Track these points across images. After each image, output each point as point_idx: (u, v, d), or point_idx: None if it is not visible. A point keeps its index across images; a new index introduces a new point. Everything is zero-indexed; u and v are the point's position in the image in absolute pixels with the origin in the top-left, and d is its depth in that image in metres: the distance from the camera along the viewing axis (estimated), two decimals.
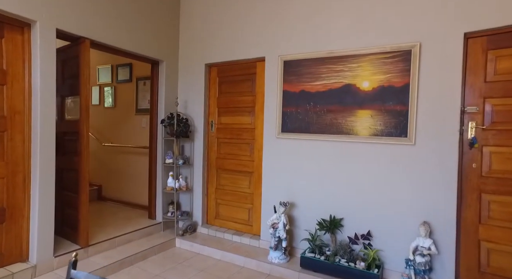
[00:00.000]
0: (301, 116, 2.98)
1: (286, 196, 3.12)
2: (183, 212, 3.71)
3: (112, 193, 4.62)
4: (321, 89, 2.88)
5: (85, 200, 2.83)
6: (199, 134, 3.68)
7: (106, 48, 3.06)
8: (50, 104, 2.52)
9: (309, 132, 2.94)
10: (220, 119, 3.63)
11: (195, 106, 3.71)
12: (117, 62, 4.43)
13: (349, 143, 2.76)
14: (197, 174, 3.71)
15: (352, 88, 2.72)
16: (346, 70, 2.75)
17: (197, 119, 3.69)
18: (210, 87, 3.69)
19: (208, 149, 3.72)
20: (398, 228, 2.57)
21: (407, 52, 2.48)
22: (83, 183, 2.82)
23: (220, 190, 3.65)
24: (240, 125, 3.49)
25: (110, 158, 4.62)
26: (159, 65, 3.68)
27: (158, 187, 3.71)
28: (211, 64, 3.65)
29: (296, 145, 3.04)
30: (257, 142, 3.37)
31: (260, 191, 3.33)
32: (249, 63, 3.41)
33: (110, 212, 4.08)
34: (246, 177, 3.47)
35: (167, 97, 3.69)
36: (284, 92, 3.08)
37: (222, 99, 3.61)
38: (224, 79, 3.60)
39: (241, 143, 3.49)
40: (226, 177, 3.61)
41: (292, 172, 3.08)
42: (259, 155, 3.35)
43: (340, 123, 2.78)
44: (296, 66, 3.01)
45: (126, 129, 4.42)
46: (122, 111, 4.46)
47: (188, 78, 3.76)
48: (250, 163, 3.43)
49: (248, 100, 3.43)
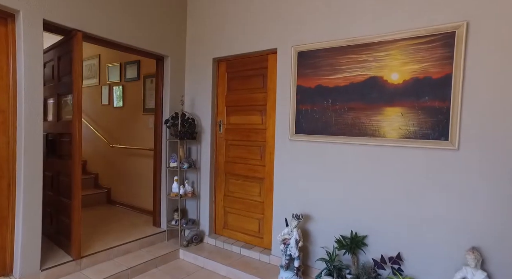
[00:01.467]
0: (317, 116, 2.57)
1: (300, 206, 2.72)
2: (190, 220, 3.41)
3: (120, 197, 4.42)
4: (341, 83, 2.45)
5: (77, 206, 2.59)
6: (206, 136, 3.36)
7: (103, 42, 2.81)
8: (36, 103, 2.29)
9: (327, 134, 2.52)
10: (229, 119, 3.30)
11: (202, 105, 3.40)
12: (126, 60, 4.23)
13: (375, 146, 2.32)
14: (204, 179, 3.39)
15: (379, 81, 2.28)
16: (371, 60, 2.31)
17: (204, 119, 3.38)
18: (219, 84, 3.37)
19: (216, 151, 3.39)
20: (437, 252, 2.09)
21: (448, 35, 2.00)
22: (76, 188, 2.58)
23: (228, 197, 3.31)
24: (250, 125, 3.13)
25: (119, 160, 4.43)
26: (164, 61, 3.41)
27: (163, 193, 3.43)
28: (219, 59, 3.32)
29: (312, 148, 2.64)
30: (269, 144, 2.99)
31: (271, 199, 2.95)
32: (260, 56, 3.05)
33: (116, 217, 3.86)
34: (257, 184, 3.11)
35: (172, 96, 3.40)
36: (299, 87, 2.68)
37: (231, 97, 3.27)
38: (233, 75, 3.26)
39: (251, 145, 3.13)
40: (235, 183, 3.27)
41: (307, 179, 2.67)
42: (270, 159, 2.97)
43: (364, 124, 2.34)
44: (311, 57, 2.60)
45: (134, 130, 4.20)
46: (130, 111, 4.25)
47: (195, 75, 3.46)
48: (261, 168, 3.07)
49: (259, 97, 3.06)
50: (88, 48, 4.81)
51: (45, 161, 3.12)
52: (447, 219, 2.06)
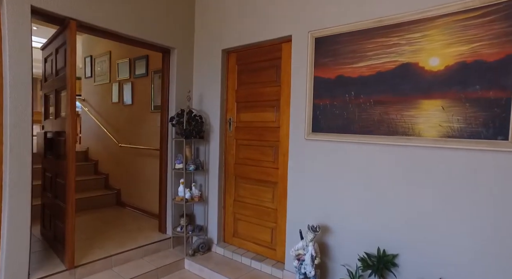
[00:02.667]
0: (338, 111, 2.20)
1: (317, 216, 2.36)
2: (197, 226, 3.14)
3: (129, 199, 4.24)
4: (365, 73, 2.07)
5: (71, 211, 2.37)
6: (215, 135, 3.07)
7: (100, 32, 2.59)
8: (23, 97, 2.08)
9: (349, 133, 2.15)
10: (239, 116, 2.99)
11: (210, 101, 3.11)
12: (135, 55, 4.03)
13: (408, 147, 1.92)
14: (212, 182, 3.11)
15: (412, 68, 1.88)
16: (404, 43, 1.91)
17: (213, 117, 3.09)
18: (228, 78, 3.06)
19: (226, 152, 3.09)
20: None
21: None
22: (69, 191, 2.37)
23: (239, 203, 3.00)
24: (262, 123, 2.81)
25: (128, 160, 4.25)
26: (170, 53, 3.15)
27: (169, 196, 3.18)
28: (229, 50, 3.01)
29: (332, 148, 2.27)
30: (283, 144, 2.65)
31: (285, 207, 2.61)
32: (272, 46, 2.71)
33: (122, 220, 3.66)
34: (269, 189, 2.78)
35: (179, 91, 3.14)
36: (316, 79, 2.32)
37: (241, 91, 2.96)
38: (244, 67, 2.95)
39: (263, 145, 2.80)
40: (246, 187, 2.95)
41: (326, 185, 2.31)
42: (284, 161, 2.63)
43: (394, 120, 1.95)
44: (331, 44, 2.24)
45: (142, 128, 4.00)
46: (139, 109, 4.05)
47: (203, 68, 3.18)
48: (273, 171, 2.73)
49: (272, 92, 2.73)
50: (99, 44, 4.68)
51: (43, 161, 2.99)
52: (505, 239, 1.63)
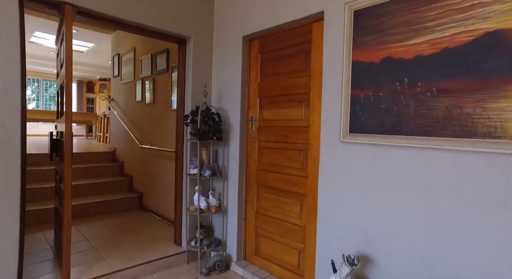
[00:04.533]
0: (384, 105, 1.65)
1: (356, 242, 1.82)
2: (215, 239, 2.74)
3: (150, 203, 3.99)
4: (425, 51, 1.50)
5: (67, 220, 2.10)
6: (235, 136, 2.65)
7: (105, 20, 2.30)
8: (9, 95, 1.84)
9: (401, 133, 1.59)
10: (262, 113, 2.54)
11: (230, 96, 2.70)
12: (156, 50, 3.77)
13: (495, 155, 1.32)
14: (232, 190, 2.69)
15: (506, 38, 1.28)
16: (490, 1, 1.32)
17: (233, 115, 2.67)
18: (250, 69, 2.63)
19: (247, 156, 2.66)
20: None
21: None
22: (66, 197, 2.09)
23: (261, 216, 2.55)
24: (289, 122, 2.33)
25: (149, 162, 4.01)
26: (186, 44, 2.80)
27: (184, 204, 2.83)
28: (251, 37, 2.58)
29: (376, 154, 1.72)
30: (313, 148, 2.15)
31: (315, 225, 2.11)
32: (301, 27, 2.22)
33: (139, 228, 3.40)
34: (296, 201, 2.29)
35: (195, 86, 2.78)
36: (355, 64, 1.79)
37: (265, 84, 2.51)
38: (267, 56, 2.49)
39: (290, 148, 2.32)
40: (269, 198, 2.49)
41: (368, 202, 1.77)
42: (314, 168, 2.13)
43: (470, 116, 1.36)
44: (374, 17, 1.69)
45: (162, 129, 3.72)
46: (159, 107, 3.78)
47: (222, 59, 2.78)
48: (301, 180, 2.23)
49: (300, 83, 2.24)
50: (125, 41, 4.53)
51: (55, 163, 2.80)
52: None
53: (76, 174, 4.23)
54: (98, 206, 3.83)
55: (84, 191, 4.02)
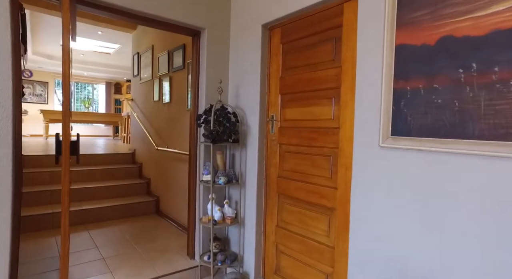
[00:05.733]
0: (441, 99, 1.26)
1: (399, 272, 1.44)
2: (231, 254, 2.45)
3: (166, 208, 3.78)
4: (506, 23, 1.10)
5: (65, 230, 1.88)
6: (253, 138, 2.34)
7: (109, 9, 2.08)
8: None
9: (466, 137, 1.20)
10: (284, 112, 2.21)
11: (248, 93, 2.39)
12: (173, 46, 3.56)
13: None
14: (250, 199, 2.38)
15: None
16: None
17: (251, 114, 2.37)
18: (271, 63, 2.31)
19: (267, 160, 2.34)
20: None
21: None
22: (63, 204, 1.88)
23: (282, 230, 2.22)
24: (315, 122, 1.98)
25: (165, 165, 3.80)
26: (200, 36, 2.53)
27: (198, 214, 2.56)
28: (272, 25, 2.26)
29: (429, 164, 1.33)
30: (344, 152, 1.78)
31: (346, 246, 1.74)
32: (329, 10, 1.87)
33: (152, 235, 3.18)
34: (323, 216, 1.93)
35: (210, 83, 2.50)
36: (400, 49, 1.42)
37: (287, 79, 2.18)
38: (290, 46, 2.16)
39: (315, 153, 1.97)
40: (291, 210, 2.15)
41: (414, 225, 1.38)
42: (346, 177, 1.76)
43: None
44: None
45: (178, 130, 3.49)
46: (176, 107, 3.56)
47: (239, 52, 2.48)
48: (329, 191, 1.88)
49: (329, 76, 1.88)
50: (144, 39, 4.38)
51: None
52: None
53: (94, 176, 4.13)
54: (114, 210, 3.68)
55: (101, 193, 3.89)
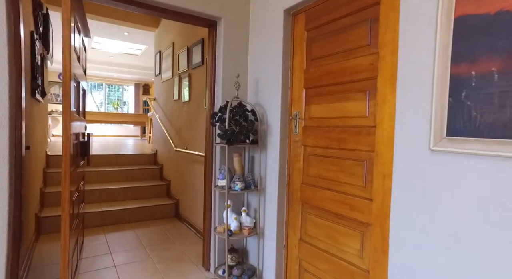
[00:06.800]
0: None
1: None
2: (250, 267, 2.19)
3: (185, 212, 3.60)
4: None
5: (65, 239, 1.72)
6: (274, 139, 2.07)
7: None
8: None
9: None
10: (309, 109, 1.91)
11: (269, 89, 2.13)
12: (192, 41, 3.37)
13: None
14: (270, 208, 2.11)
15: None
16: None
17: (271, 112, 2.10)
18: (294, 53, 2.03)
19: (289, 164, 2.06)
20: None
21: None
22: (63, 211, 1.72)
23: (307, 245, 1.92)
24: (345, 120, 1.67)
25: (184, 167, 3.63)
26: (217, 26, 2.30)
27: (213, 222, 2.33)
28: (295, 10, 1.98)
29: (505, 174, 0.99)
30: (382, 157, 1.46)
31: (385, 271, 1.42)
32: None
33: (169, 241, 3.00)
34: (356, 233, 1.61)
35: (227, 77, 2.27)
36: (461, 21, 1.08)
37: (313, 71, 1.88)
38: (316, 33, 1.86)
39: (346, 157, 1.66)
40: (317, 223, 1.85)
41: (484, 258, 1.04)
42: (384, 187, 1.44)
43: None
44: None
45: (196, 130, 3.30)
46: (195, 106, 3.37)
47: (258, 43, 2.23)
48: (363, 203, 1.56)
49: (362, 65, 1.57)
50: (166, 37, 4.25)
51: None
52: None
53: (115, 176, 4.07)
54: (133, 213, 3.56)
55: (121, 195, 3.81)
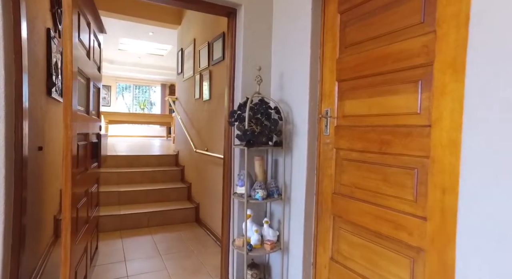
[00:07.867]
0: None
1: None
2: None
3: (205, 217, 3.40)
4: None
5: (66, 251, 1.55)
6: (300, 140, 1.80)
7: None
8: None
9: None
10: (342, 106, 1.62)
11: (294, 83, 1.85)
12: (213, 36, 3.17)
13: None
14: (295, 220, 1.84)
15: None
16: None
17: (298, 110, 1.82)
18: (325, 40, 1.74)
19: (319, 170, 1.77)
20: None
21: None
22: (65, 218, 1.55)
23: (339, 266, 1.63)
24: (388, 118, 1.36)
25: (204, 169, 3.43)
26: (237, 14, 2.07)
27: (232, 234, 2.09)
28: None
29: None
30: (440, 164, 1.14)
31: None
32: None
33: (187, 249, 2.80)
34: (404, 259, 1.30)
35: (247, 71, 2.02)
36: None
37: (347, 60, 1.59)
38: (351, 14, 1.56)
39: (390, 164, 1.35)
40: (352, 241, 1.55)
41: None
42: (444, 203, 1.12)
43: None
44: None
45: (217, 130, 3.08)
46: (216, 104, 3.15)
47: (283, 31, 1.96)
48: (414, 221, 1.24)
49: (413, 49, 1.25)
50: (188, 34, 4.10)
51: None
52: None
53: (135, 178, 3.96)
54: (152, 216, 3.42)
55: (141, 198, 3.68)
